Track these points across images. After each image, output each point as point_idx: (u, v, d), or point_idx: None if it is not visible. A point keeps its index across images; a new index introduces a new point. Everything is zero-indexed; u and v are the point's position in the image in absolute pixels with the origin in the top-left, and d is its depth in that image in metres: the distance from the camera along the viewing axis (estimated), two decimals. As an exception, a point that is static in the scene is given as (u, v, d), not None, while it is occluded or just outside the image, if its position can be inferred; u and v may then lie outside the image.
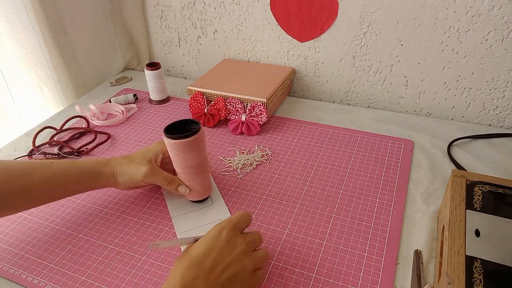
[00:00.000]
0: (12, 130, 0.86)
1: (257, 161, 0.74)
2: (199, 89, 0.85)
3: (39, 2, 0.81)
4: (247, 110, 0.81)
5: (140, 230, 0.60)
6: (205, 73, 0.94)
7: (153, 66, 0.90)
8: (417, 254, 0.54)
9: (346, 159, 0.74)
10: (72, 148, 0.78)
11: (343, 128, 0.83)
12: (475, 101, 0.84)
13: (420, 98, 0.89)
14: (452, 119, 0.88)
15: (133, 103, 0.95)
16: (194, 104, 0.85)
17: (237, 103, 0.81)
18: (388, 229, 0.59)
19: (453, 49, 0.80)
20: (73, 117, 0.87)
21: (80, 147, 0.78)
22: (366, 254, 0.55)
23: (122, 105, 0.92)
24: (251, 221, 0.50)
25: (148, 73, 0.90)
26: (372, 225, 0.60)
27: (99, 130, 0.84)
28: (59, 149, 0.78)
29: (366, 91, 0.93)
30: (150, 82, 0.92)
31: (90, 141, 0.80)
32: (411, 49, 0.83)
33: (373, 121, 0.85)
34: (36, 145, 0.79)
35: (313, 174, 0.70)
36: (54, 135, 0.82)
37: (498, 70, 0.79)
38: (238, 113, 0.82)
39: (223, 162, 0.74)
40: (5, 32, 0.80)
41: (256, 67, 0.96)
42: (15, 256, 0.57)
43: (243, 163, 0.73)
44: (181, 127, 0.60)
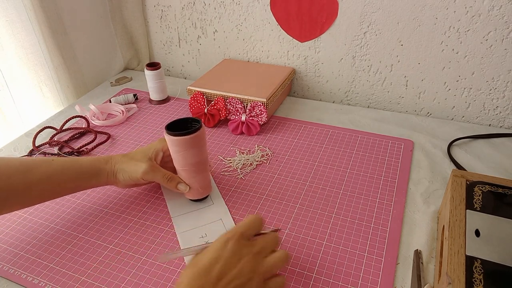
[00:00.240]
0: (12, 130, 0.86)
1: (257, 161, 0.74)
2: (199, 89, 0.85)
3: (39, 2, 0.81)
4: (247, 110, 0.81)
5: (140, 230, 0.60)
6: (205, 73, 0.94)
7: (153, 66, 0.90)
8: (417, 254, 0.54)
9: (346, 159, 0.74)
10: (72, 148, 0.78)
11: (343, 128, 0.83)
12: (475, 101, 0.84)
13: (420, 98, 0.89)
14: (452, 119, 0.88)
15: (133, 103, 0.95)
16: (194, 104, 0.85)
17: (237, 103, 0.81)
18: (388, 229, 0.59)
19: (453, 49, 0.80)
20: (73, 117, 0.87)
21: (80, 147, 0.78)
22: (366, 254, 0.55)
23: (122, 105, 0.92)
24: (262, 224, 0.48)
25: (148, 73, 0.90)
26: (372, 225, 0.60)
27: (99, 130, 0.84)
28: (59, 149, 0.78)
29: (366, 91, 0.93)
30: (150, 82, 0.92)
31: (90, 141, 0.80)
32: (411, 49, 0.83)
33: (373, 121, 0.85)
34: (36, 145, 0.79)
35: (313, 174, 0.70)
36: (54, 135, 0.82)
37: (498, 70, 0.79)
38: (238, 113, 0.82)
39: (223, 162, 0.74)
40: (5, 32, 0.80)
41: (256, 67, 0.96)
42: (15, 256, 0.57)
43: (243, 163, 0.73)
44: (182, 125, 0.60)
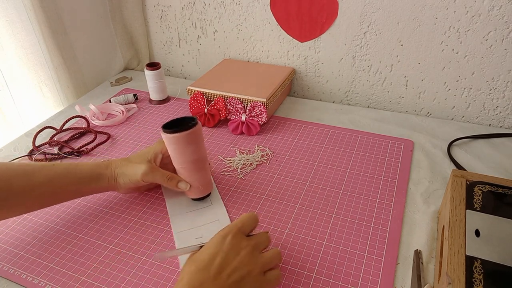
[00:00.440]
0: (12, 130, 0.86)
1: (257, 161, 0.74)
2: (199, 89, 0.86)
3: (39, 2, 0.81)
4: (247, 110, 0.81)
5: (140, 230, 0.60)
6: (205, 73, 0.94)
7: (153, 66, 0.90)
8: (417, 254, 0.54)
9: (346, 159, 0.74)
10: (72, 148, 0.78)
11: (343, 128, 0.83)
12: (475, 101, 0.84)
13: (420, 98, 0.89)
14: (452, 119, 0.88)
15: (133, 103, 0.95)
16: (194, 104, 0.85)
17: (237, 103, 0.81)
18: (388, 229, 0.59)
19: (453, 49, 0.80)
20: (73, 117, 0.87)
21: (80, 147, 0.78)
22: (366, 254, 0.55)
23: (122, 105, 0.92)
24: (258, 222, 0.50)
25: (148, 73, 0.90)
26: (372, 225, 0.60)
27: (99, 130, 0.84)
28: (59, 149, 0.78)
29: (366, 91, 0.93)
30: (150, 82, 0.92)
31: (90, 141, 0.80)
32: (411, 49, 0.83)
33: (373, 121, 0.85)
34: (36, 145, 0.79)
35: (313, 174, 0.70)
36: (54, 135, 0.82)
37: (498, 70, 0.79)
38: (238, 113, 0.82)
39: (223, 162, 0.74)
40: (5, 32, 0.80)
41: (256, 67, 0.96)
42: (15, 256, 0.57)
43: (243, 163, 0.73)
44: (179, 124, 0.60)
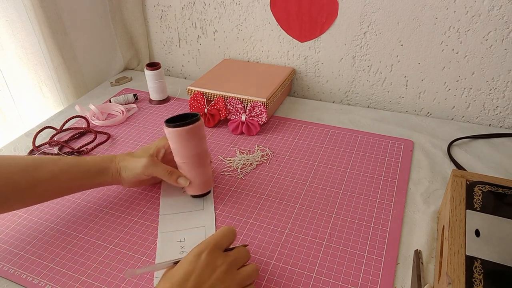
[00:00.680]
0: (12, 130, 0.86)
1: (257, 161, 0.74)
2: (199, 89, 0.85)
3: (39, 2, 0.81)
4: (247, 110, 0.81)
5: (140, 230, 0.60)
6: (205, 73, 0.94)
7: (153, 66, 0.90)
8: (417, 254, 0.54)
9: (346, 159, 0.74)
10: (72, 148, 0.78)
11: (343, 128, 0.83)
12: (475, 101, 0.84)
13: (420, 98, 0.89)
14: (452, 119, 0.88)
15: (133, 103, 0.95)
16: (194, 104, 0.85)
17: (237, 103, 0.81)
18: (388, 229, 0.59)
19: (453, 49, 0.80)
20: (73, 117, 0.87)
21: (80, 147, 0.78)
22: (366, 254, 0.55)
23: (122, 105, 0.92)
24: (235, 236, 0.49)
25: (148, 73, 0.90)
26: (372, 225, 0.60)
27: (99, 130, 0.84)
28: (59, 149, 0.78)
29: (366, 91, 0.93)
30: (150, 82, 0.92)
31: (90, 141, 0.80)
32: (411, 49, 0.83)
33: (373, 121, 0.85)
34: (36, 145, 0.79)
35: (313, 174, 0.70)
36: (54, 135, 0.82)
37: (498, 70, 0.79)
38: (238, 113, 0.82)
39: (223, 162, 0.74)
40: (5, 32, 0.80)
41: (256, 67, 0.96)
42: (15, 256, 0.57)
43: (243, 163, 0.73)
44: (182, 120, 0.60)
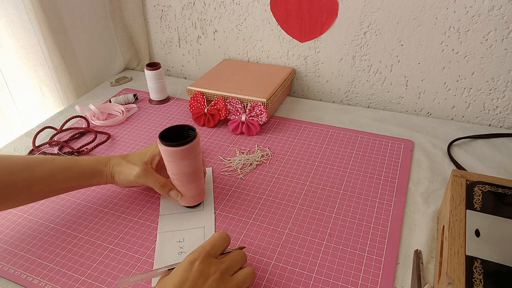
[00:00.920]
0: (12, 130, 0.86)
1: (257, 161, 0.74)
2: (199, 89, 0.85)
3: (39, 2, 0.81)
4: (247, 110, 0.81)
5: (140, 230, 0.60)
6: (205, 73, 0.94)
7: (153, 66, 0.90)
8: (417, 254, 0.54)
9: (346, 159, 0.74)
10: (72, 148, 0.78)
11: (343, 128, 0.83)
12: (475, 101, 0.84)
13: (420, 98, 0.89)
14: (452, 119, 0.88)
15: (133, 103, 0.95)
16: (194, 104, 0.85)
17: (237, 103, 0.81)
18: (388, 229, 0.59)
19: (453, 49, 0.80)
20: (73, 117, 0.87)
21: (80, 147, 0.78)
22: (366, 254, 0.55)
23: (122, 105, 0.92)
24: (230, 241, 0.49)
25: (148, 73, 0.90)
26: (372, 225, 0.60)
27: (99, 130, 0.84)
28: (59, 149, 0.78)
29: (366, 91, 0.93)
30: (150, 82, 0.92)
31: (90, 141, 0.80)
32: (411, 49, 0.83)
33: (373, 121, 0.85)
34: (36, 145, 0.79)
35: (313, 174, 0.70)
36: (54, 135, 0.82)
37: (498, 70, 0.79)
38: (238, 113, 0.82)
39: (223, 162, 0.74)
40: (5, 32, 0.80)
41: (256, 67, 0.96)
42: (15, 256, 0.57)
43: (243, 163, 0.73)
44: (177, 132, 0.59)
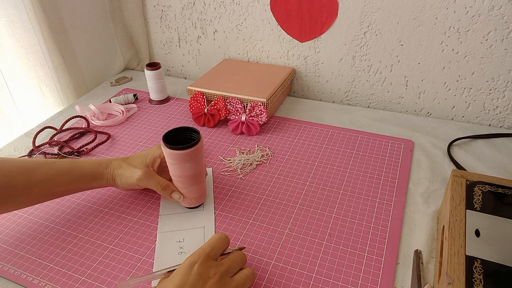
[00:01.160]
0: (12, 130, 0.86)
1: (257, 161, 0.74)
2: (199, 89, 0.85)
3: (39, 2, 0.81)
4: (247, 110, 0.81)
5: (140, 230, 0.60)
6: (205, 73, 0.94)
7: (153, 66, 0.90)
8: (417, 254, 0.54)
9: (346, 159, 0.74)
10: (72, 148, 0.78)
11: (343, 128, 0.83)
12: (475, 101, 0.84)
13: (420, 98, 0.89)
14: (452, 119, 0.88)
15: (133, 103, 0.95)
16: (194, 104, 0.85)
17: (237, 103, 0.81)
18: (388, 229, 0.59)
19: (453, 49, 0.80)
20: (73, 117, 0.87)
21: (80, 147, 0.78)
22: (366, 254, 0.55)
23: (122, 105, 0.92)
24: (229, 242, 0.49)
25: (148, 73, 0.90)
26: (372, 225, 0.60)
27: (99, 130, 0.84)
28: (59, 149, 0.78)
29: (366, 91, 0.93)
30: (150, 82, 0.92)
31: (90, 141, 0.80)
32: (411, 49, 0.83)
33: (373, 121, 0.85)
34: (36, 145, 0.79)
35: (313, 174, 0.70)
36: (54, 135, 0.82)
37: (498, 70, 0.79)
38: (238, 113, 0.82)
39: (223, 162, 0.74)
40: (5, 32, 0.80)
41: (256, 67, 0.96)
42: (15, 256, 0.57)
43: (243, 163, 0.73)
44: (181, 135, 0.59)
